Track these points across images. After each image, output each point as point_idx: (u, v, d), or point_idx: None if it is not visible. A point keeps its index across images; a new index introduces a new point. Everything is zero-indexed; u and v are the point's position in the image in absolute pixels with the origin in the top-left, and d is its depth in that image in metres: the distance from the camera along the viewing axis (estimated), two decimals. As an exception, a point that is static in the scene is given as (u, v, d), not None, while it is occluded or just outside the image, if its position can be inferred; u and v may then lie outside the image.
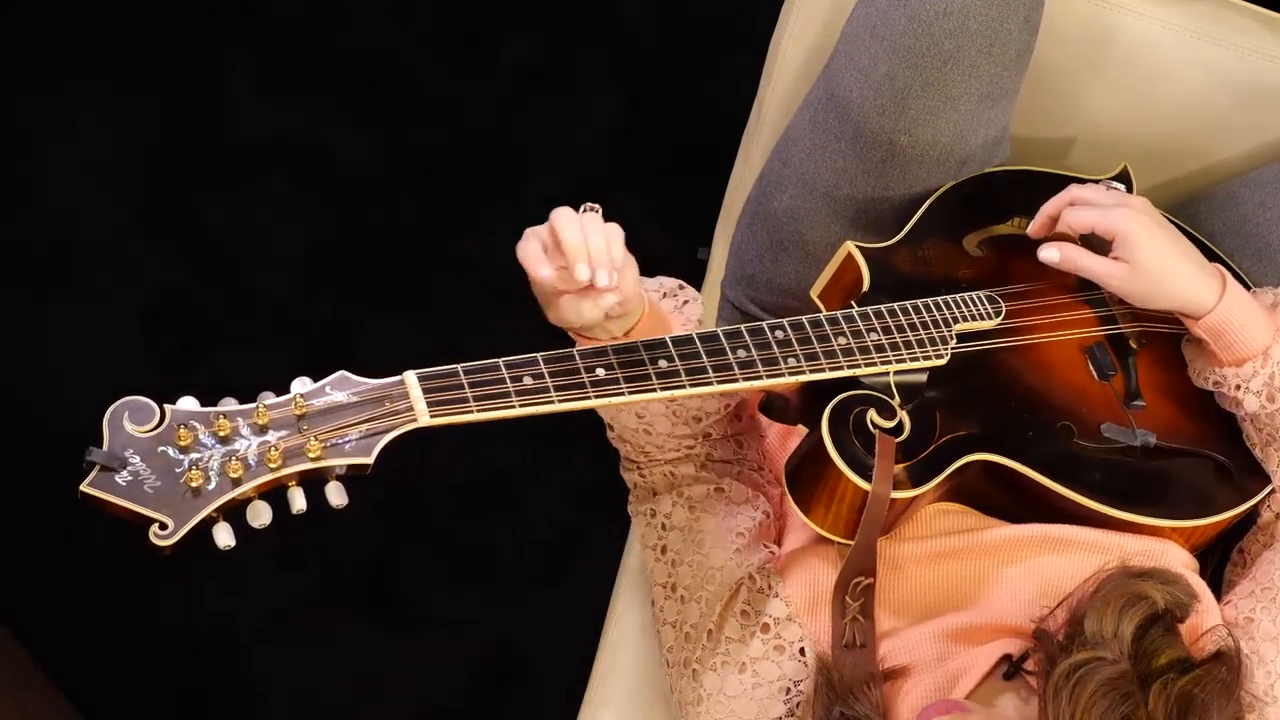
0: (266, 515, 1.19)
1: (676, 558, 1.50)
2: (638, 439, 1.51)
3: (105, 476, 1.15)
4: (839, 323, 1.42)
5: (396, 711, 2.35)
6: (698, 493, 1.52)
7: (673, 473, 1.52)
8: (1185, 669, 1.28)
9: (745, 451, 1.57)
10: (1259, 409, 1.48)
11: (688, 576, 1.48)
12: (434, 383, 1.25)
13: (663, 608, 1.50)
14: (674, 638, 1.48)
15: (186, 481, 1.16)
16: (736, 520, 1.50)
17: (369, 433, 1.21)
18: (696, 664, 1.44)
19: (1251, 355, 1.47)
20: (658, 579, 1.51)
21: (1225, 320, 1.46)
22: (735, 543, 1.49)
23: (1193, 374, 1.53)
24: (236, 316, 2.45)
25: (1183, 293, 1.46)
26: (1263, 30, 1.78)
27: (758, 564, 1.48)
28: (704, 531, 1.50)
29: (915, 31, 1.55)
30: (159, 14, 2.53)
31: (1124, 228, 1.46)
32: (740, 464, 1.55)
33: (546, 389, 1.28)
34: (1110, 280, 1.48)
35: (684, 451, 1.52)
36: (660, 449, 1.51)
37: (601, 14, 2.56)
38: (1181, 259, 1.47)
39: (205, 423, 1.19)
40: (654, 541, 1.52)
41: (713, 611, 1.45)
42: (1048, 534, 1.46)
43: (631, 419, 1.48)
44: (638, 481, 1.55)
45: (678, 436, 1.50)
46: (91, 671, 2.33)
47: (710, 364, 1.34)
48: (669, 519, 1.52)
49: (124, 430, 1.18)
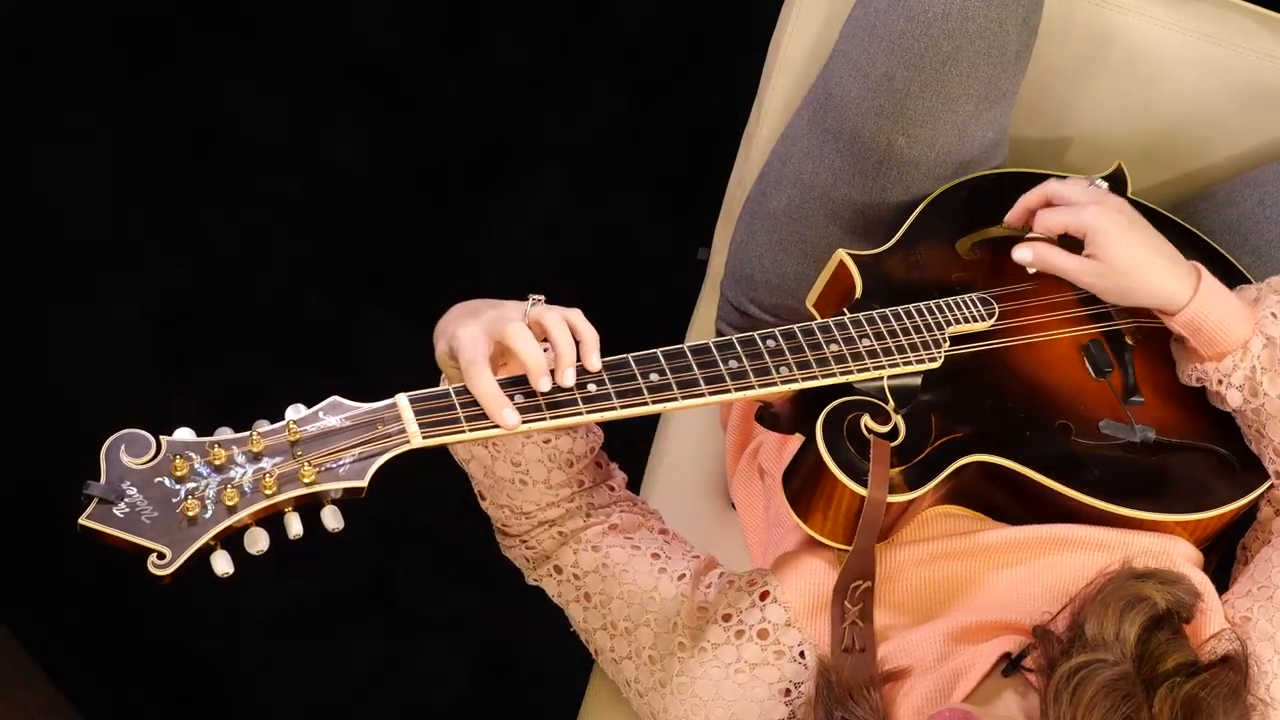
0: (264, 542, 1.20)
1: (603, 598, 1.47)
2: (514, 496, 1.47)
3: (103, 509, 1.17)
4: (830, 330, 1.42)
5: (396, 711, 2.34)
6: (593, 533, 1.49)
7: (561, 532, 1.50)
8: (1192, 673, 1.28)
9: (618, 492, 1.55)
10: (1242, 404, 1.48)
11: (624, 608, 1.46)
12: (425, 404, 1.25)
13: (612, 648, 1.48)
14: (636, 669, 1.46)
15: (183, 511, 1.17)
16: (642, 544, 1.49)
17: (362, 456, 1.22)
18: (680, 676, 1.43)
19: (1230, 349, 1.47)
20: (594, 625, 1.49)
21: (1201, 315, 1.46)
22: (654, 562, 1.48)
23: (1179, 372, 1.53)
24: (236, 316, 2.45)
25: (1157, 288, 1.46)
26: (1263, 30, 1.78)
27: (693, 568, 1.47)
28: (618, 563, 1.48)
29: (914, 32, 1.55)
30: (159, 14, 2.53)
31: (1095, 225, 1.46)
32: (617, 504, 1.54)
33: (538, 406, 1.28)
34: (1082, 277, 1.48)
35: (565, 507, 1.49)
36: (538, 504, 1.48)
37: (601, 14, 2.56)
38: (1154, 255, 1.47)
39: (201, 452, 1.20)
40: (573, 594, 1.50)
41: (669, 626, 1.44)
42: (1049, 534, 1.46)
43: (508, 468, 1.46)
44: (526, 555, 1.52)
45: (554, 485, 1.48)
46: (91, 671, 2.33)
47: (702, 376, 1.34)
48: (576, 567, 1.49)
49: (121, 463, 1.19)
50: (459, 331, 1.30)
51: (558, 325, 1.30)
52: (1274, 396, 1.46)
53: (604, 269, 2.48)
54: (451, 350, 1.30)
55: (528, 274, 2.45)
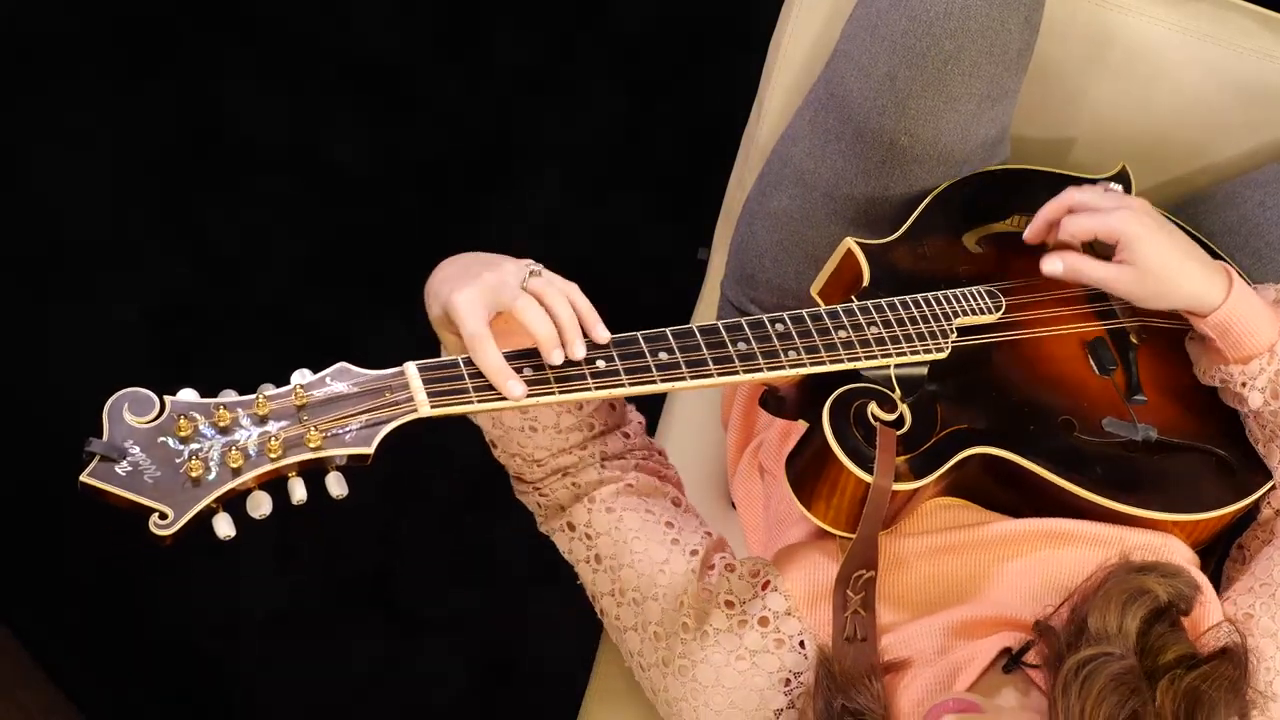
0: (267, 506, 1.19)
1: (614, 563, 1.47)
2: (525, 444, 1.46)
3: (105, 467, 1.15)
4: (839, 316, 1.42)
5: (396, 711, 2.34)
6: (608, 493, 1.48)
7: (575, 483, 1.49)
8: (1192, 665, 1.28)
9: (633, 439, 1.54)
10: (1263, 405, 1.48)
11: (634, 578, 1.46)
12: (434, 373, 1.25)
13: (618, 615, 1.47)
14: (640, 641, 1.46)
15: (186, 472, 1.16)
16: (656, 510, 1.49)
17: (369, 423, 1.21)
18: (681, 659, 1.43)
19: (1258, 352, 1.46)
20: (601, 588, 1.48)
21: (1232, 317, 1.45)
22: (667, 532, 1.47)
23: (1198, 372, 1.53)
24: (236, 316, 2.45)
25: (1191, 291, 1.46)
26: (1263, 30, 1.79)
27: (704, 546, 1.47)
28: (631, 529, 1.47)
29: (916, 31, 1.55)
30: (159, 14, 2.53)
31: (1127, 230, 1.45)
32: (633, 454, 1.53)
33: (547, 379, 1.28)
34: (1118, 284, 1.47)
35: (578, 454, 1.48)
36: (549, 450, 1.47)
37: (601, 14, 2.56)
38: (1186, 257, 1.46)
39: (205, 413, 1.19)
40: (583, 554, 1.49)
41: (676, 604, 1.44)
42: (1049, 528, 1.46)
43: (516, 417, 1.45)
44: (540, 502, 1.51)
45: (564, 430, 1.46)
46: (91, 671, 2.32)
47: (710, 356, 1.34)
48: (589, 527, 1.48)
49: (124, 421, 1.18)
50: (456, 298, 1.28)
51: (559, 300, 1.30)
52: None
53: (604, 269, 2.47)
54: (448, 315, 1.29)
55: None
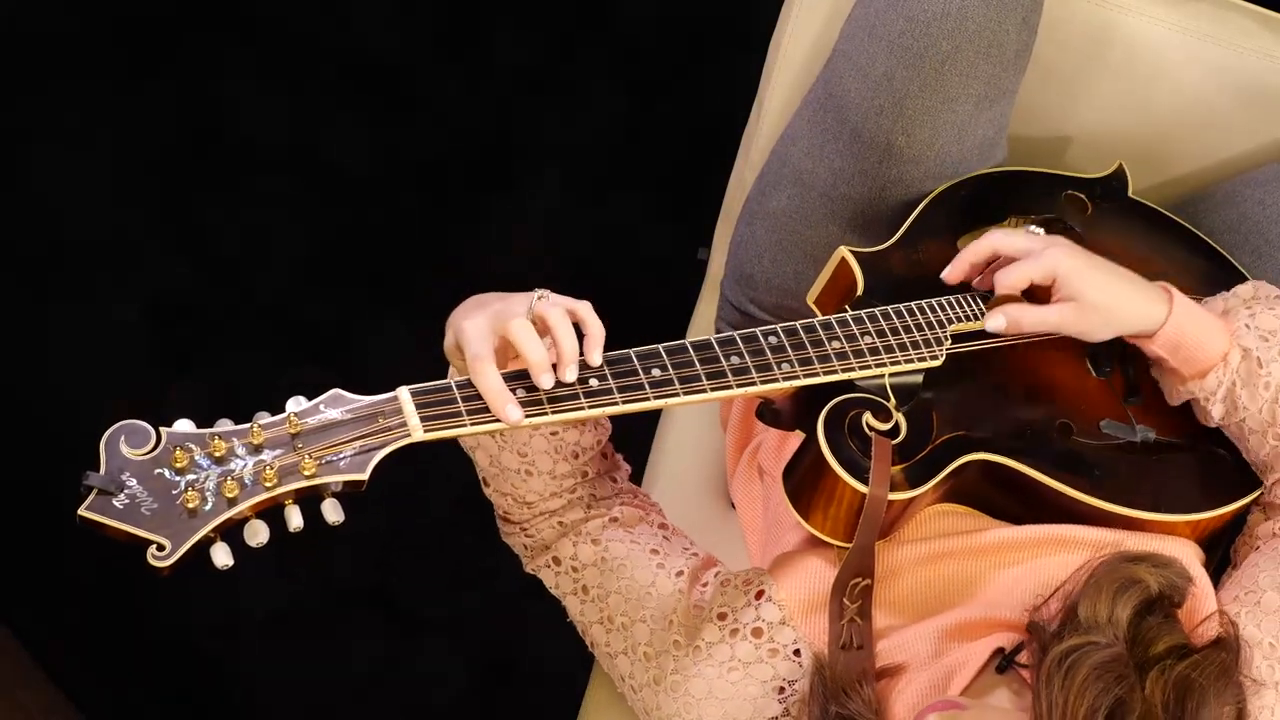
0: (264, 534, 1.20)
1: (601, 591, 1.47)
2: (519, 486, 1.48)
3: (103, 500, 1.16)
4: (832, 327, 1.42)
5: (397, 711, 2.34)
6: (593, 527, 1.49)
7: (562, 522, 1.50)
8: (1184, 654, 1.28)
9: (620, 484, 1.55)
10: (1224, 417, 1.48)
11: (621, 603, 1.46)
12: (427, 397, 1.25)
13: (607, 642, 1.48)
14: (630, 664, 1.46)
15: (183, 503, 1.17)
16: (641, 539, 1.49)
17: (363, 449, 1.22)
18: (673, 674, 1.43)
19: (1211, 363, 1.45)
20: (591, 618, 1.48)
21: (1180, 332, 1.44)
22: (653, 557, 1.48)
23: (1166, 394, 1.52)
24: (236, 316, 2.45)
25: (1134, 313, 1.44)
26: (1263, 30, 1.78)
27: (690, 566, 1.47)
28: (617, 557, 1.48)
29: (913, 32, 1.55)
30: (159, 14, 2.53)
31: (1060, 268, 1.43)
32: (619, 496, 1.54)
33: (539, 400, 1.28)
34: (1063, 325, 1.45)
35: (567, 497, 1.49)
36: (541, 494, 1.48)
37: (601, 14, 2.56)
38: (1123, 282, 1.45)
39: (201, 444, 1.20)
40: (571, 587, 1.50)
41: (665, 624, 1.44)
42: (1048, 534, 1.46)
43: (514, 459, 1.46)
44: (525, 543, 1.52)
45: (559, 476, 1.48)
46: (91, 671, 2.33)
47: (704, 371, 1.34)
48: (575, 559, 1.49)
49: (120, 453, 1.19)
50: (465, 325, 1.30)
51: (561, 322, 1.30)
52: (1254, 411, 1.45)
53: (604, 269, 2.48)
54: (458, 343, 1.31)
55: (528, 274, 2.45)
